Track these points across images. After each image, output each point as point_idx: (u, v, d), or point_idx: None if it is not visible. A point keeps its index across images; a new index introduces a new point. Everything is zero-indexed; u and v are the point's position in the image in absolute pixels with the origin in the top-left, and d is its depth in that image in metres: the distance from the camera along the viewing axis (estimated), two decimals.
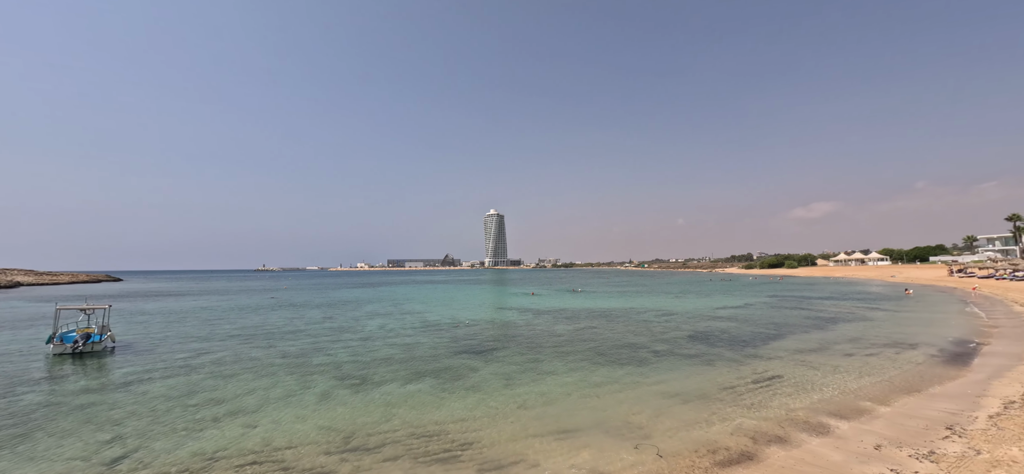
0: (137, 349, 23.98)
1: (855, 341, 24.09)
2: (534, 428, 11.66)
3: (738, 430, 11.18)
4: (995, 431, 10.25)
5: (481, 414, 12.93)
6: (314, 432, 11.70)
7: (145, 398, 15.04)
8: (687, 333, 28.06)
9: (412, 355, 21.86)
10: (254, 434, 11.63)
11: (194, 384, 16.81)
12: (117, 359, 21.40)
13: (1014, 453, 8.91)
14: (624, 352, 21.96)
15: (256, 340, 26.88)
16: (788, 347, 22.69)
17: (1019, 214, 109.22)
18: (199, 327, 33.16)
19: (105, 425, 12.55)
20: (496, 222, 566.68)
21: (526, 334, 28.50)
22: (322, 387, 16.11)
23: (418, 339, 26.90)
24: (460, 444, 10.68)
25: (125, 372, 18.81)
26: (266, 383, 16.78)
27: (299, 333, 29.78)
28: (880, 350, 21.35)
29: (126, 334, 29.21)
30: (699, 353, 21.52)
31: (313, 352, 22.86)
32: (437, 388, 15.84)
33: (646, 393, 14.83)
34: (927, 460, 8.93)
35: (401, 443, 10.84)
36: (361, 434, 11.51)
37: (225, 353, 22.81)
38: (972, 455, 8.99)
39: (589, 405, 13.66)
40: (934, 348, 21.45)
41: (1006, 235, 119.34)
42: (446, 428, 11.81)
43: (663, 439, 10.71)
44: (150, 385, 16.71)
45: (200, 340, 27.02)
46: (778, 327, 30.09)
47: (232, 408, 13.85)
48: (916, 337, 24.76)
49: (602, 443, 10.51)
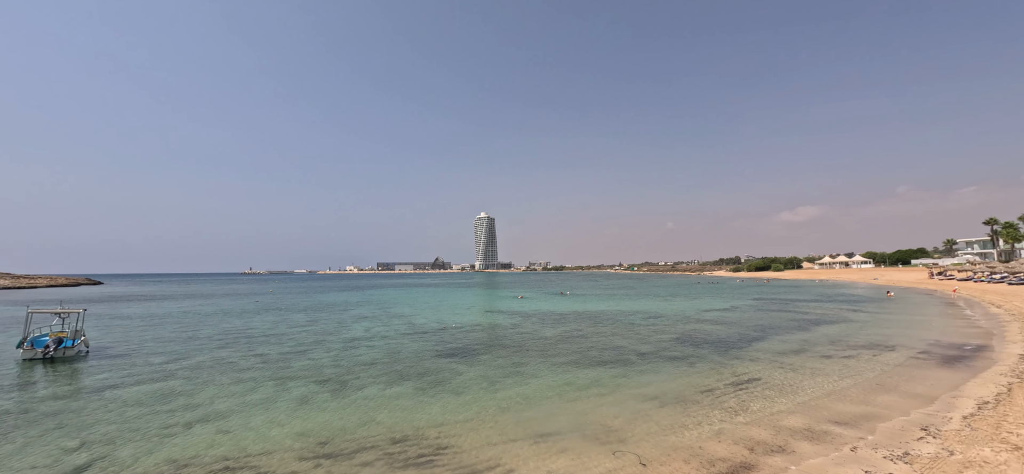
0: (112, 354, 23.35)
1: (836, 343, 24.38)
2: (512, 432, 11.53)
3: (716, 435, 11.17)
4: (969, 432, 10.37)
5: (461, 418, 12.77)
6: (289, 438, 11.43)
7: (116, 404, 14.60)
8: (673, 336, 28.17)
9: (395, 359, 21.59)
10: (226, 440, 11.33)
11: (168, 389, 16.38)
12: (90, 364, 20.80)
13: (986, 454, 9.01)
14: (609, 355, 21.94)
15: (236, 344, 26.36)
16: (770, 349, 22.88)
17: (996, 218, 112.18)
18: (178, 331, 32.45)
19: (72, 432, 12.14)
20: (487, 225, 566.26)
21: (512, 337, 28.37)
22: (300, 392, 15.80)
23: (403, 342, 26.61)
24: (436, 448, 10.51)
25: (97, 378, 18.28)
26: (243, 388, 16.41)
27: (281, 337, 29.28)
28: (860, 351, 21.62)
29: (102, 338, 28.46)
30: (684, 355, 21.58)
31: (294, 356, 22.47)
32: (418, 392, 15.63)
33: (628, 396, 14.78)
34: (901, 461, 8.99)
35: (377, 448, 10.64)
36: (337, 439, 11.28)
37: (203, 357, 22.31)
38: (945, 456, 9.08)
39: (571, 409, 13.56)
40: (913, 350, 21.78)
41: (984, 238, 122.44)
42: (424, 433, 11.63)
43: (642, 444, 10.66)
44: (122, 391, 16.23)
45: (178, 344, 26.42)
46: (762, 329, 30.36)
47: (206, 414, 13.50)
48: (896, 339, 25.14)
49: (581, 448, 10.42)
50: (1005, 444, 9.40)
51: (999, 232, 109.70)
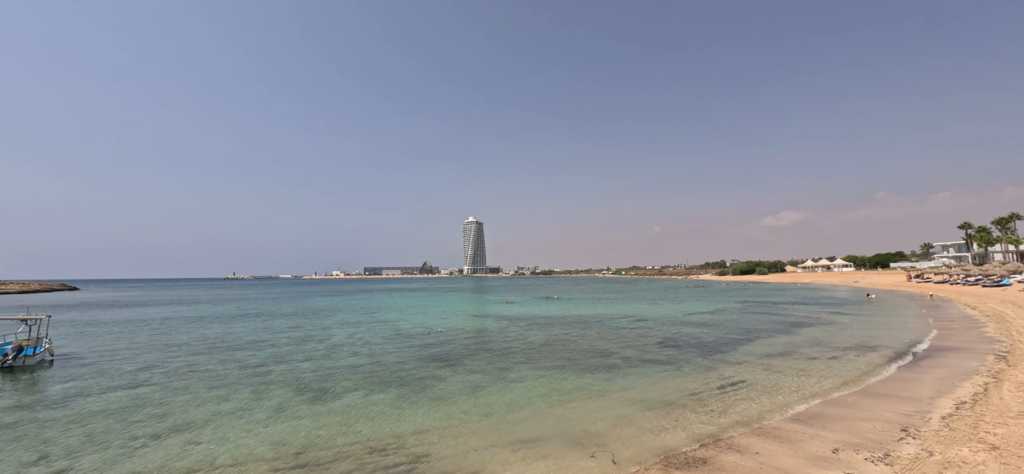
0: (81, 362, 22.43)
1: (819, 345, 24.64)
2: (494, 438, 11.28)
3: (699, 437, 11.07)
4: (947, 432, 10.43)
5: (442, 425, 12.47)
6: (263, 447, 11.01)
7: (81, 414, 13.94)
8: (659, 339, 28.19)
9: (378, 365, 21.15)
10: (197, 451, 10.85)
11: (139, 398, 15.73)
12: (55, 373, 19.94)
13: (964, 454, 9.05)
14: (595, 359, 21.81)
15: (214, 351, 25.59)
16: (755, 352, 23.00)
17: (970, 223, 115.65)
18: (153, 337, 31.42)
19: (32, 444, 11.53)
20: (475, 229, 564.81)
21: (498, 342, 28.10)
22: (278, 399, 15.31)
23: (387, 348, 26.13)
24: (415, 457, 10.20)
25: (62, 386, 17.48)
26: (218, 396, 15.85)
27: (261, 343, 28.55)
28: (842, 353, 21.86)
29: (71, 346, 27.37)
30: (669, 359, 21.56)
31: (273, 363, 21.86)
32: (400, 399, 15.27)
33: (613, 401, 14.64)
34: (882, 463, 8.98)
35: (355, 457, 10.29)
36: (314, 448, 10.90)
37: (178, 364, 21.58)
38: (925, 456, 9.09)
39: (554, 414, 13.36)
40: (892, 351, 22.10)
41: (959, 242, 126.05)
42: (404, 440, 11.30)
43: (622, 447, 10.50)
44: (88, 400, 15.53)
45: (153, 352, 25.53)
46: (747, 332, 30.58)
47: (177, 423, 12.97)
48: (876, 340, 25.51)
49: (562, 453, 10.22)
50: (983, 444, 9.46)
51: (973, 236, 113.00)
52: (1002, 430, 10.14)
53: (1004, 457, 8.70)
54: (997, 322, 30.08)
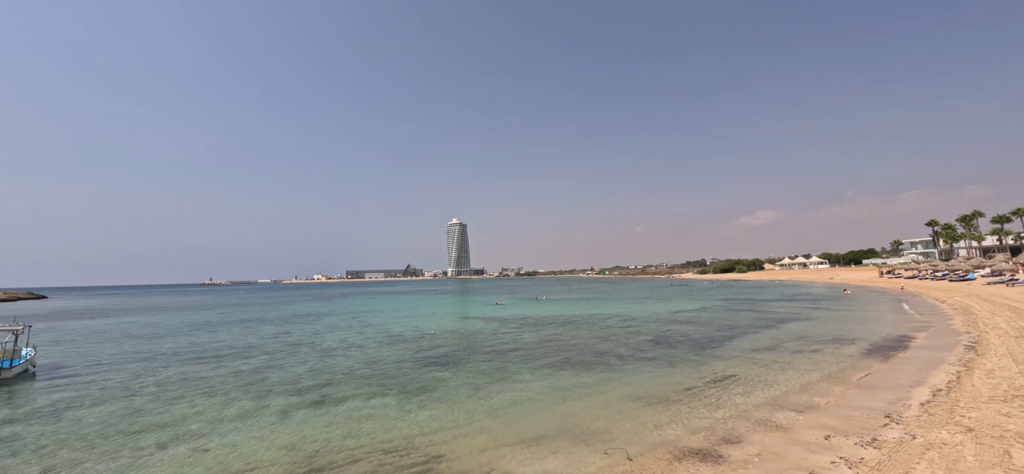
0: (66, 373, 21.82)
1: (802, 339, 25.68)
2: (504, 437, 11.60)
3: (700, 429, 11.61)
4: (927, 417, 11.19)
5: (450, 425, 12.72)
6: (274, 452, 11.08)
7: (78, 426, 13.70)
8: (649, 337, 28.91)
9: (376, 369, 21.22)
10: (206, 458, 10.87)
11: (135, 408, 15.50)
12: (40, 385, 19.39)
13: (944, 436, 9.77)
14: (590, 357, 22.32)
15: (205, 359, 25.19)
16: (743, 347, 23.86)
17: (936, 220, 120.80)
18: (138, 346, 30.68)
19: (31, 458, 11.32)
20: (459, 231, 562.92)
21: (492, 343, 28.39)
22: (280, 405, 15.31)
23: (382, 352, 26.15)
24: (431, 457, 10.45)
25: (52, 398, 17.06)
26: (217, 403, 15.75)
27: (253, 350, 28.19)
28: (824, 346, 22.87)
29: (52, 357, 26.55)
30: (662, 356, 22.21)
31: (268, 369, 21.70)
32: (403, 401, 15.44)
33: (613, 397, 15.12)
34: (871, 447, 9.62)
35: (369, 459, 10.47)
36: (326, 452, 11.02)
37: (169, 373, 21.22)
38: (909, 440, 9.78)
39: (558, 411, 13.76)
40: (871, 343, 23.22)
41: (926, 239, 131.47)
42: (415, 442, 11.52)
43: (630, 442, 10.95)
44: (83, 411, 15.23)
45: (140, 361, 24.99)
46: (732, 329, 31.58)
47: (180, 432, 12.89)
48: (855, 333, 26.72)
49: (572, 449, 10.61)
50: (959, 427, 10.22)
51: (940, 233, 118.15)
52: (975, 414, 10.95)
53: (979, 438, 9.44)
54: (964, 314, 31.77)
